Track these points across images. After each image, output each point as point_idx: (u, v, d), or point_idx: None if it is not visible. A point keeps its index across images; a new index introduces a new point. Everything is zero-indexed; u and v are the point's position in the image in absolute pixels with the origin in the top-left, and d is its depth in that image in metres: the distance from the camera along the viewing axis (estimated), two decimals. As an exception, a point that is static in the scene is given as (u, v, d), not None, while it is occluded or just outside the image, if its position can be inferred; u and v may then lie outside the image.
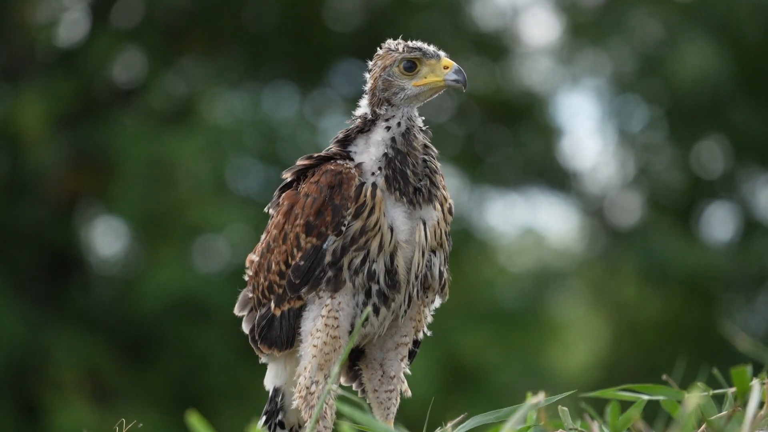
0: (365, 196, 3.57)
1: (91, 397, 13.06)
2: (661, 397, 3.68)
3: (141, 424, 4.15)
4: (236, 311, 3.89)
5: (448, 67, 3.68)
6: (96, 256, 14.47)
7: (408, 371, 3.81)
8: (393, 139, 3.64)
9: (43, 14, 14.18)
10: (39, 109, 13.20)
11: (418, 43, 3.73)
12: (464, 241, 14.39)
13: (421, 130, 3.69)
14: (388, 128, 3.65)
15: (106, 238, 14.59)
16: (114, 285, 13.89)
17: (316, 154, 3.74)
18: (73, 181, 13.73)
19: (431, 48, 3.72)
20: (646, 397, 3.65)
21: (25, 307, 13.19)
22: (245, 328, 3.85)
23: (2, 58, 13.96)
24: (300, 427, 3.91)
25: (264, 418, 3.94)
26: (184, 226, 13.44)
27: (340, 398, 3.76)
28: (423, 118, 3.76)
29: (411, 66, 3.69)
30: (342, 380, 3.87)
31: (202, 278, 13.36)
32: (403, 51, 3.70)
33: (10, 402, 13.01)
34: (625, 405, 3.65)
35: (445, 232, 3.71)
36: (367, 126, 3.70)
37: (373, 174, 3.62)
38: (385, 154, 3.62)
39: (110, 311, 13.60)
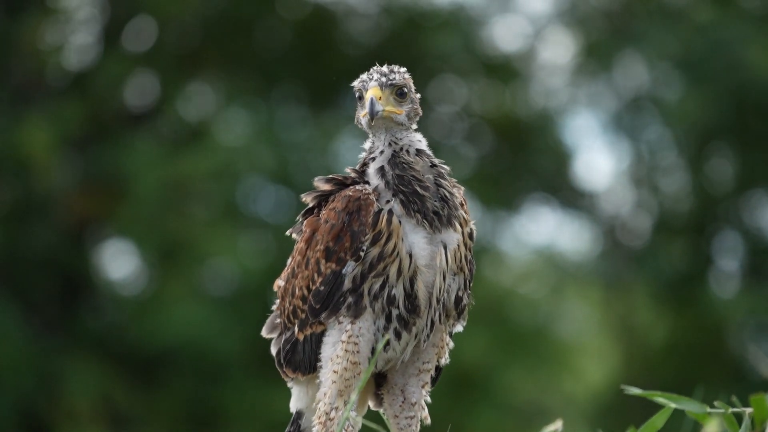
0: (382, 223, 3.56)
1: (105, 423, 13.02)
2: (687, 408, 3.68)
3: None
4: (264, 333, 3.89)
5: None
6: (107, 281, 14.45)
7: (428, 399, 3.80)
8: (382, 168, 3.61)
9: (52, 38, 14.20)
10: (46, 135, 13.16)
11: (370, 72, 3.64)
12: (476, 262, 14.33)
13: (418, 151, 3.64)
14: (374, 159, 3.64)
15: (117, 262, 14.58)
16: (125, 309, 13.87)
17: (334, 176, 3.73)
18: (84, 205, 13.70)
19: (375, 75, 3.61)
20: (674, 405, 3.66)
21: (35, 332, 13.17)
22: (273, 350, 3.86)
23: (11, 83, 13.94)
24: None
25: (286, 439, 3.95)
26: (195, 249, 13.43)
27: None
28: (419, 137, 3.67)
29: (360, 96, 3.65)
30: (371, 405, 3.87)
31: (214, 300, 13.35)
32: (357, 81, 3.67)
33: (23, 430, 12.96)
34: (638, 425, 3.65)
35: (465, 257, 3.69)
36: (366, 159, 3.69)
37: (387, 202, 3.60)
38: (387, 183, 3.60)
39: (121, 335, 13.58)
